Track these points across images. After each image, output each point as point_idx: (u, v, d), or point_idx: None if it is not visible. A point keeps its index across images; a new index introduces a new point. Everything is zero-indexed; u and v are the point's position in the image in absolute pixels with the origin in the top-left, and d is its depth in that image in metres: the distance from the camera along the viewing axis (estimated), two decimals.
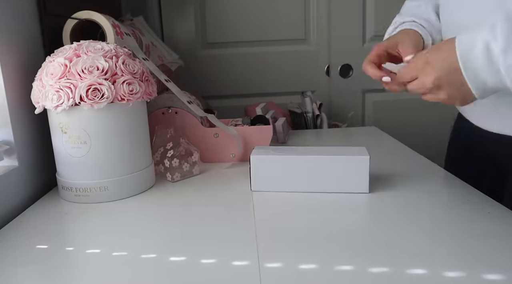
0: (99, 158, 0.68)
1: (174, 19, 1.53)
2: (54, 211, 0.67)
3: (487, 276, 0.44)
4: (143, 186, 0.74)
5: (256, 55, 1.56)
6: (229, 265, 0.48)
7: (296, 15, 1.53)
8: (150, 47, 1.04)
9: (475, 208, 0.61)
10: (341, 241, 0.53)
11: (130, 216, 0.63)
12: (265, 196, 0.69)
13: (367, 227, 0.57)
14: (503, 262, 0.47)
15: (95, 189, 0.68)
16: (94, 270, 0.49)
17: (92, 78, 0.64)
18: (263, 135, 0.88)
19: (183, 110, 0.87)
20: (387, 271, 0.46)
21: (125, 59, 0.69)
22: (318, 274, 0.46)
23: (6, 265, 0.50)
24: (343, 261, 0.48)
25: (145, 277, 0.47)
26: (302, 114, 1.31)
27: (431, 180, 0.74)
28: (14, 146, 0.70)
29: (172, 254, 0.51)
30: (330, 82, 1.60)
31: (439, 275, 0.44)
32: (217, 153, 0.89)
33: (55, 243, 0.56)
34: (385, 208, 0.63)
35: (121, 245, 0.54)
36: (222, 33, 1.54)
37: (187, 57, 1.48)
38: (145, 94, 0.71)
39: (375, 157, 0.89)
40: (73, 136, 0.67)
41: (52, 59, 0.67)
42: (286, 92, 1.58)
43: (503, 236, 0.52)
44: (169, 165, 0.78)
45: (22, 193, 0.72)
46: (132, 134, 0.70)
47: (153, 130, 0.83)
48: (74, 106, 0.65)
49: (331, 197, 0.67)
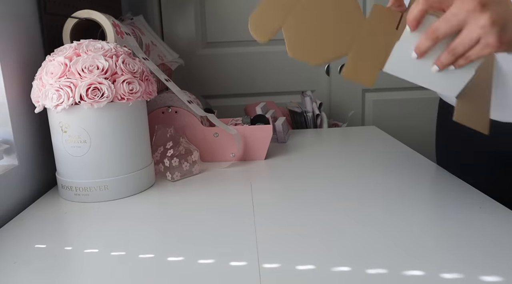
0: (99, 157, 0.68)
1: (174, 18, 1.53)
2: (54, 210, 0.67)
3: (485, 278, 0.44)
4: (142, 186, 0.74)
5: (256, 54, 1.56)
6: (228, 265, 0.48)
7: None
8: (150, 46, 1.04)
9: (474, 208, 0.61)
10: (340, 242, 0.53)
11: (129, 216, 0.63)
12: (265, 196, 0.69)
13: (364, 228, 0.57)
14: (502, 263, 0.47)
15: (95, 188, 0.68)
16: (92, 269, 0.49)
17: (92, 77, 0.64)
18: (263, 135, 0.88)
19: (183, 109, 0.87)
20: (384, 272, 0.46)
21: (125, 58, 0.69)
22: (318, 274, 0.46)
23: (6, 264, 0.50)
24: (341, 262, 0.48)
25: (143, 277, 0.47)
26: (302, 114, 1.31)
27: (431, 179, 0.74)
28: (14, 145, 0.70)
29: (171, 254, 0.51)
30: (330, 82, 1.60)
31: (437, 277, 0.44)
32: (217, 153, 0.89)
33: (54, 242, 0.56)
34: (382, 208, 0.63)
35: (120, 244, 0.54)
36: (222, 33, 1.54)
37: (187, 56, 1.48)
38: (145, 93, 0.71)
39: (375, 157, 0.89)
40: (73, 135, 0.67)
41: (52, 58, 0.67)
42: (286, 92, 1.58)
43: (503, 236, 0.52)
44: (169, 164, 0.78)
45: (22, 192, 0.72)
46: (132, 133, 0.70)
47: (153, 129, 0.83)
48: (74, 105, 0.65)
49: (332, 195, 0.68)
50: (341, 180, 0.76)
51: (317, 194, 0.69)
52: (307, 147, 1.00)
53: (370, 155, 0.90)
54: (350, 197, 0.67)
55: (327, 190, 0.71)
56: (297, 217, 0.61)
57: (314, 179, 0.76)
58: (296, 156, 0.93)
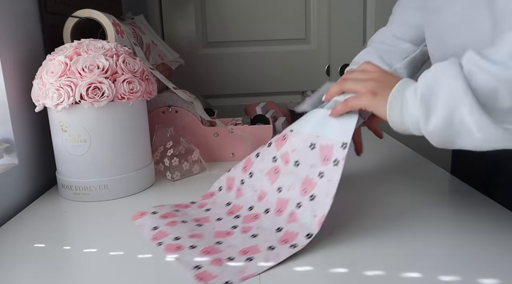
0: (99, 157, 0.68)
1: (175, 18, 1.53)
2: (54, 209, 0.67)
3: (482, 280, 0.44)
4: (142, 185, 0.74)
5: (256, 54, 1.56)
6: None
7: (297, 15, 1.53)
8: (151, 45, 1.04)
9: (481, 212, 0.61)
10: (339, 243, 0.53)
11: (129, 215, 0.63)
12: None
13: (363, 229, 0.57)
14: (499, 263, 0.47)
15: (95, 188, 0.68)
16: (90, 269, 0.49)
17: (92, 76, 0.64)
18: (263, 135, 0.88)
19: (183, 109, 0.87)
20: (382, 274, 0.46)
21: (126, 57, 0.69)
22: (318, 275, 0.46)
23: (5, 263, 0.50)
24: (339, 263, 0.48)
25: (141, 277, 0.47)
26: (302, 114, 1.31)
27: (431, 181, 0.74)
28: (14, 144, 0.70)
29: (169, 255, 0.51)
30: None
31: (434, 279, 0.45)
32: (217, 152, 0.89)
33: (53, 242, 0.56)
34: (380, 210, 0.63)
35: (119, 244, 0.54)
36: (223, 32, 1.54)
37: (188, 56, 1.48)
38: (145, 93, 0.71)
39: (375, 157, 0.89)
40: (73, 134, 0.67)
41: (53, 57, 0.67)
42: (286, 92, 1.58)
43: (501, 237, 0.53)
44: (169, 164, 0.78)
45: (22, 191, 0.72)
46: (132, 133, 0.71)
47: (153, 129, 0.83)
48: (74, 105, 0.65)
49: None
50: (341, 180, 0.75)
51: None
52: None
53: (370, 155, 0.90)
54: (350, 197, 0.67)
55: None
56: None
57: None
58: None
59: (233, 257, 0.49)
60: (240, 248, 0.51)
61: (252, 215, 0.58)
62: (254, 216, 0.58)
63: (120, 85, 0.66)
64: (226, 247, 0.51)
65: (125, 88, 0.67)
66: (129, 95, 0.67)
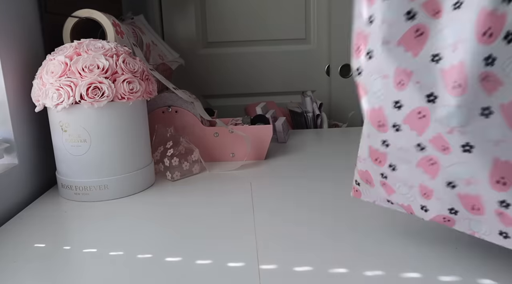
0: (99, 157, 0.68)
1: (175, 18, 1.53)
2: (54, 209, 0.67)
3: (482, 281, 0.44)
4: (142, 185, 0.74)
5: (256, 54, 1.56)
6: (228, 266, 0.48)
7: (297, 15, 1.53)
8: (151, 45, 1.04)
9: None
10: (340, 243, 0.53)
11: (129, 215, 0.63)
12: (265, 196, 0.69)
13: (364, 229, 0.57)
14: (498, 264, 0.47)
15: (95, 188, 0.68)
16: (89, 269, 0.49)
17: (92, 76, 0.64)
18: (263, 135, 0.88)
19: (183, 109, 0.87)
20: (382, 274, 0.46)
21: (126, 57, 0.69)
22: (317, 275, 0.46)
23: (5, 263, 0.50)
24: (338, 263, 0.48)
25: (141, 277, 0.47)
26: (302, 114, 1.31)
27: None
28: (14, 144, 0.70)
29: (169, 254, 0.51)
30: (330, 82, 1.60)
31: (434, 279, 0.45)
32: (217, 152, 0.89)
33: (53, 242, 0.56)
34: (380, 209, 0.63)
35: (119, 244, 0.54)
36: (223, 32, 1.54)
37: (188, 56, 1.48)
38: (145, 93, 0.71)
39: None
40: (73, 134, 0.67)
41: (53, 57, 0.67)
42: (286, 92, 1.58)
43: None
44: (169, 164, 0.78)
45: (22, 191, 0.72)
46: (132, 133, 0.71)
47: (153, 129, 0.83)
48: (74, 105, 0.65)
49: (332, 196, 0.68)
50: (341, 180, 0.76)
51: (317, 194, 0.69)
52: (307, 147, 1.00)
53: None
54: (350, 197, 0.67)
55: (327, 190, 0.71)
56: (297, 217, 0.61)
57: (314, 179, 0.76)
58: (296, 156, 0.93)
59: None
60: None
61: None
62: None
63: (120, 85, 0.66)
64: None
65: (125, 88, 0.67)
66: (129, 95, 0.67)
